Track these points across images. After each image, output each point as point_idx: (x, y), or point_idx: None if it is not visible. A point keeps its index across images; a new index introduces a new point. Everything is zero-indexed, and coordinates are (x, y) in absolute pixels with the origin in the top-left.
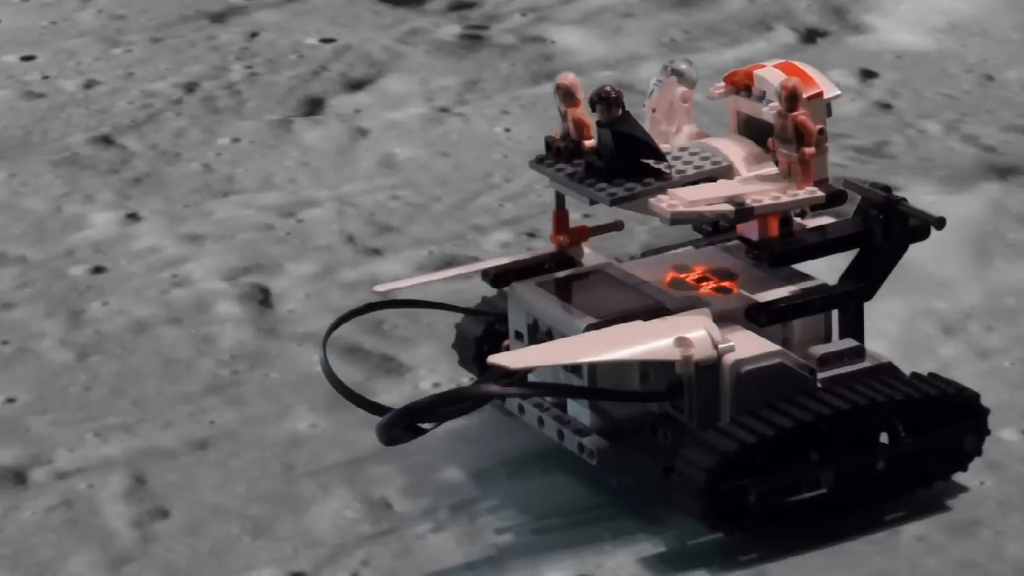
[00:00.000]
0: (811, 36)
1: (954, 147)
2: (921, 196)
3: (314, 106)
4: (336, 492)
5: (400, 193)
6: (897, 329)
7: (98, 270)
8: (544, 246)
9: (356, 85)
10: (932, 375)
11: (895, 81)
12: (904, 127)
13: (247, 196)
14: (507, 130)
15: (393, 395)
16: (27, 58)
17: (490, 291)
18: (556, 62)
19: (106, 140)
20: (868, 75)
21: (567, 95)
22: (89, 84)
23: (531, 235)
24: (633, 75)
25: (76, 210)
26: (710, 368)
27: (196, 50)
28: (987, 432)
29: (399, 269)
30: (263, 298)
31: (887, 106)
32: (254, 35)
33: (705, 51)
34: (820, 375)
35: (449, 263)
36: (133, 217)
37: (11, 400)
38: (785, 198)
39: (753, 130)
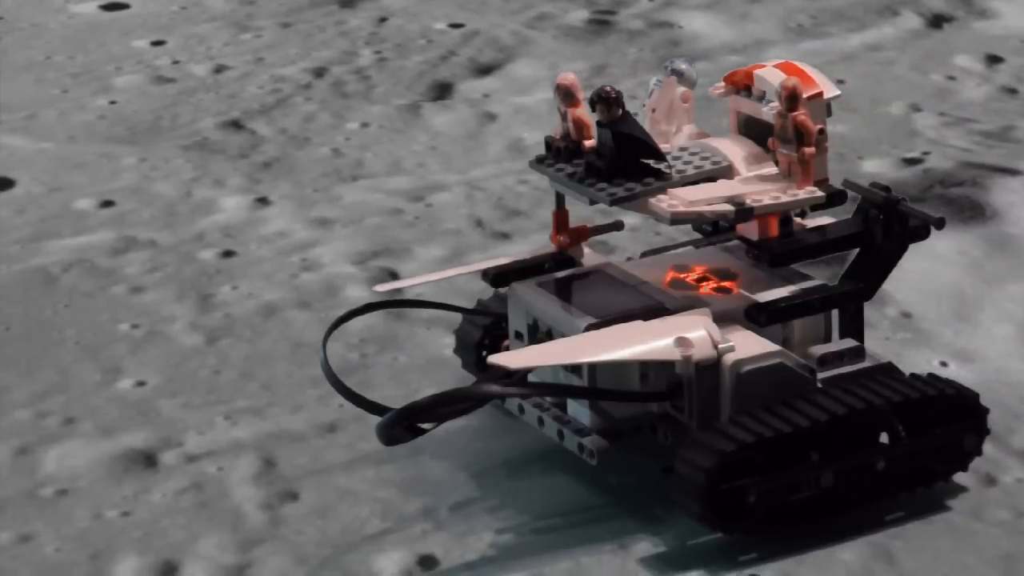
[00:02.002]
0: (937, 21)
1: None
2: None
3: (443, 91)
4: (461, 476)
5: (528, 177)
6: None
7: (228, 254)
8: (547, 246)
9: (485, 70)
10: (932, 375)
11: (1021, 66)
12: None
13: (376, 180)
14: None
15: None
16: (157, 43)
17: (487, 294)
18: (683, 47)
19: (236, 125)
20: (994, 60)
21: (567, 95)
22: (219, 69)
23: None
24: (760, 60)
25: (206, 194)
26: (710, 368)
27: (325, 35)
28: (987, 432)
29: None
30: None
31: (1012, 91)
32: (383, 20)
33: (832, 36)
34: (820, 375)
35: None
36: (263, 201)
37: (141, 383)
38: (785, 198)
39: (753, 130)
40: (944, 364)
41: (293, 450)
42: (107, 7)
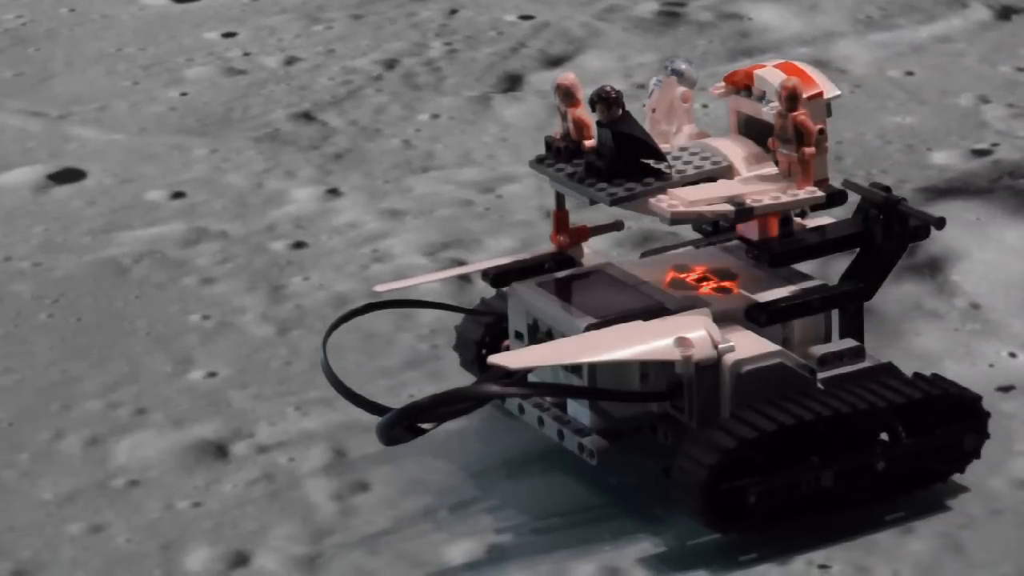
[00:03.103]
0: (1006, 13)
1: None
2: None
3: (513, 82)
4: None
5: None
6: None
7: (299, 245)
8: (547, 245)
9: (555, 61)
10: (933, 375)
11: None
12: None
13: (446, 172)
14: (704, 106)
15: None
16: (228, 35)
17: (489, 292)
18: (753, 39)
19: (307, 116)
20: None
21: (567, 95)
22: (290, 61)
23: None
24: (830, 52)
25: (277, 186)
26: (710, 368)
27: (396, 27)
28: (986, 433)
29: (598, 244)
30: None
31: None
32: (453, 12)
33: (901, 28)
34: (820, 375)
35: (647, 239)
36: (334, 192)
37: (212, 374)
38: (785, 198)
39: (753, 130)
40: (1013, 355)
41: (364, 440)
42: None
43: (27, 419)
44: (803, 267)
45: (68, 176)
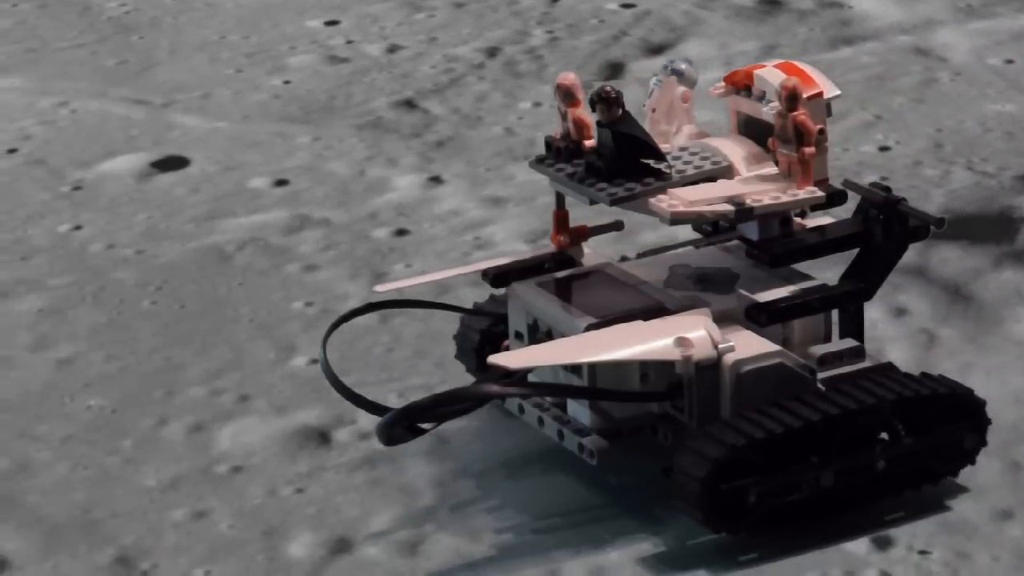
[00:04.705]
0: None
1: None
2: None
3: (614, 70)
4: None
5: None
6: None
7: (401, 232)
8: (547, 245)
9: (656, 49)
10: (936, 375)
11: None
12: None
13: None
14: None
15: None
16: (331, 23)
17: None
18: (854, 27)
19: (409, 104)
20: None
21: (567, 95)
22: (392, 49)
23: None
24: (930, 40)
25: (379, 173)
26: (710, 368)
27: (498, 15)
28: (986, 433)
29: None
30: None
31: None
32: (555, 0)
33: (1001, 16)
34: (820, 375)
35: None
36: (436, 180)
37: (315, 361)
38: (785, 198)
39: (753, 130)
40: None
41: (465, 427)
42: None
43: (131, 406)
44: (803, 267)
45: (171, 164)
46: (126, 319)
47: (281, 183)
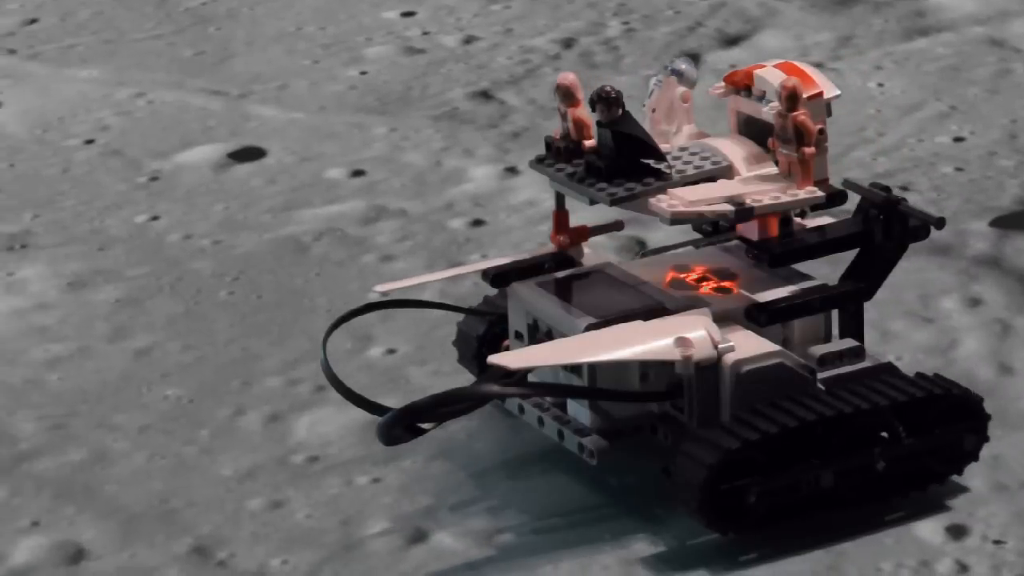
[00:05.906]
0: None
1: None
2: None
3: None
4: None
5: None
6: None
7: (477, 223)
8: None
9: (732, 41)
10: (936, 375)
11: None
12: None
13: None
14: (880, 85)
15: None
16: (407, 14)
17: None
18: (929, 18)
19: (485, 95)
20: None
21: (567, 95)
22: (468, 40)
23: (904, 188)
24: (1005, 31)
25: (455, 164)
26: (710, 368)
27: (574, 6)
28: (987, 433)
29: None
30: (639, 250)
31: None
32: None
33: None
34: (820, 375)
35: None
36: (511, 171)
37: (391, 351)
38: (785, 198)
39: (753, 130)
40: None
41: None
42: None
43: (207, 396)
44: (803, 267)
45: (248, 154)
46: (203, 309)
47: (358, 174)
